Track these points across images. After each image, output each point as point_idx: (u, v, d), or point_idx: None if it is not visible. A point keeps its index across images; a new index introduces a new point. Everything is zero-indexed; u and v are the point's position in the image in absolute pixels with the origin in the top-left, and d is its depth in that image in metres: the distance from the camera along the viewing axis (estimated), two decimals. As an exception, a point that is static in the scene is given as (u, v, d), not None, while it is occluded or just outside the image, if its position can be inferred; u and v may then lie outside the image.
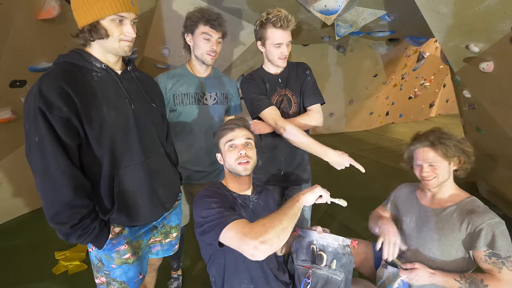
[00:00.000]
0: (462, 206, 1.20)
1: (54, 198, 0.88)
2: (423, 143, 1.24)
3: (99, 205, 0.99)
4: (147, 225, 1.15)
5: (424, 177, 1.24)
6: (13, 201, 2.64)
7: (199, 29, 1.42)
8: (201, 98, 1.52)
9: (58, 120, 0.86)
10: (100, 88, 0.97)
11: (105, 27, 0.93)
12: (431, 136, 1.23)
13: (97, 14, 0.91)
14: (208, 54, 1.45)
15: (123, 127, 1.01)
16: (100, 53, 0.99)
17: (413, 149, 1.29)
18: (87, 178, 0.95)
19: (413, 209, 1.35)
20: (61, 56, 0.98)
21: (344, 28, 3.10)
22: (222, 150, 1.16)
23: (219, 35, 1.45)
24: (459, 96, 2.93)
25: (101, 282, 1.10)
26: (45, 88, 0.86)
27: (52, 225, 0.90)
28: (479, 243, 1.09)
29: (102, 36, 0.94)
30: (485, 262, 1.09)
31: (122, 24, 0.95)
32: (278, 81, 1.53)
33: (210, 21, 1.39)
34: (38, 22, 1.86)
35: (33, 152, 0.87)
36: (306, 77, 1.56)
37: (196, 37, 1.44)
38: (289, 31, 1.42)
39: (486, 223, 1.10)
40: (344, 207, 1.17)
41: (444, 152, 1.19)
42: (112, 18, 0.93)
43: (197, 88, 1.52)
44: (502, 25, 1.74)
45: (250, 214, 1.15)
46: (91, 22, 0.92)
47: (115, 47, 0.97)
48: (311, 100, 1.54)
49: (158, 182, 1.12)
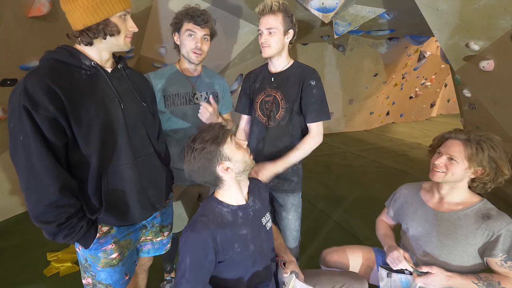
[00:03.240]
0: (475, 211, 1.14)
1: (39, 198, 0.86)
2: (459, 136, 1.16)
3: (87, 205, 0.97)
4: (136, 224, 1.13)
5: (434, 166, 1.17)
6: (7, 201, 2.62)
7: (184, 27, 1.40)
8: (192, 98, 1.49)
9: (44, 119, 0.84)
10: (88, 86, 0.94)
11: (115, 23, 0.94)
12: (473, 134, 1.14)
13: (108, 12, 0.91)
14: (193, 52, 1.41)
15: (112, 127, 0.99)
16: (94, 50, 0.98)
17: (447, 137, 1.21)
18: (74, 177, 0.93)
19: (419, 212, 1.27)
20: (48, 52, 0.95)
21: (342, 26, 3.06)
22: (181, 37, 1.34)
23: (205, 32, 1.41)
24: (459, 96, 2.89)
25: (88, 283, 1.09)
26: (30, 86, 0.83)
27: (37, 224, 0.88)
28: (496, 250, 1.05)
29: (113, 33, 0.94)
30: (500, 266, 1.05)
31: (126, 20, 0.97)
32: (271, 80, 1.46)
33: (194, 18, 1.37)
34: (28, 20, 1.83)
35: (18, 151, 0.84)
36: (311, 88, 1.38)
37: (182, 35, 1.41)
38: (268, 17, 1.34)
39: (505, 229, 1.05)
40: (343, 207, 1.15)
41: (471, 154, 1.10)
42: (120, 15, 0.94)
43: (187, 88, 1.49)
44: (503, 22, 1.70)
45: (251, 226, 1.09)
46: (101, 20, 0.92)
47: (120, 44, 0.98)
48: (313, 117, 1.39)
49: (147, 182, 1.10)
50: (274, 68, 1.47)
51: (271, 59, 1.44)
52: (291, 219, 1.51)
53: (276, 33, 1.35)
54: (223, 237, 1.01)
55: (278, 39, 1.36)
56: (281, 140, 1.45)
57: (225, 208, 1.07)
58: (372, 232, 2.49)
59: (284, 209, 1.51)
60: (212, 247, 0.98)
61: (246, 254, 1.06)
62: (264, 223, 1.15)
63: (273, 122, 1.45)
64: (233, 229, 1.05)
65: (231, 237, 1.03)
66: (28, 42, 1.94)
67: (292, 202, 1.50)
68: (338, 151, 5.13)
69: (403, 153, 4.96)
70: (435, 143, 1.26)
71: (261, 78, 1.51)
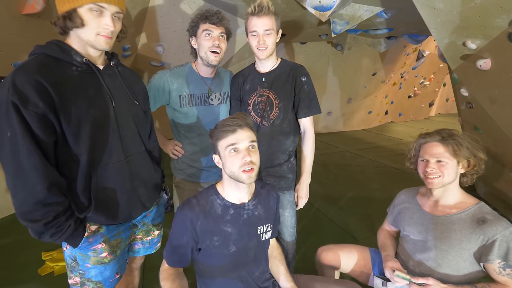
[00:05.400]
0: (470, 214, 1.11)
1: (26, 196, 0.84)
2: (434, 138, 1.16)
3: (75, 203, 0.96)
4: (126, 223, 1.12)
5: (428, 174, 1.15)
6: (2, 199, 2.60)
7: (200, 28, 1.41)
8: (207, 99, 1.50)
9: (33, 115, 0.82)
10: (79, 83, 0.92)
11: (81, 15, 0.89)
12: (443, 132, 1.15)
13: (74, 2, 0.87)
14: (212, 51, 1.40)
15: (103, 125, 0.97)
16: (79, 45, 0.95)
17: (422, 143, 1.21)
18: (63, 175, 0.92)
19: (415, 216, 1.25)
20: (38, 47, 0.92)
21: (340, 25, 3.04)
22: (221, 153, 1.03)
23: (221, 30, 1.42)
24: (457, 95, 2.88)
25: (75, 282, 1.07)
26: (19, 82, 0.81)
27: (23, 222, 0.86)
28: (492, 256, 1.02)
29: (77, 25, 0.89)
30: (499, 274, 1.02)
31: (102, 16, 0.91)
32: (262, 80, 1.46)
33: (209, 18, 1.39)
34: (22, 17, 1.82)
35: (5, 148, 0.82)
36: (303, 85, 1.43)
37: (199, 37, 1.42)
38: (265, 18, 1.32)
39: (500, 234, 1.02)
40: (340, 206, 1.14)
41: (454, 149, 1.11)
42: (90, 7, 0.88)
43: (203, 89, 1.49)
44: (499, 21, 1.69)
45: (240, 228, 1.08)
46: (68, 10, 0.88)
47: (90, 40, 0.93)
48: (306, 112, 1.45)
49: (138, 180, 1.09)
50: (263, 68, 1.47)
51: (262, 60, 1.43)
52: (287, 216, 1.52)
53: (272, 34, 1.36)
54: (204, 224, 1.04)
55: (274, 39, 1.38)
56: (276, 139, 1.46)
57: (218, 200, 1.08)
58: (369, 231, 2.50)
59: (280, 206, 1.51)
60: (190, 230, 1.03)
61: (224, 252, 1.06)
62: (259, 232, 1.12)
63: (267, 121, 1.45)
64: (217, 222, 1.05)
65: (213, 228, 1.04)
66: (21, 40, 1.92)
67: (288, 199, 1.52)
68: (336, 150, 5.12)
69: (401, 153, 4.96)
70: (413, 153, 1.27)
71: (250, 79, 1.49)
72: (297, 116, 1.47)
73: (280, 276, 1.19)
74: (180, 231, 1.04)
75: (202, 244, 1.05)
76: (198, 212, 1.04)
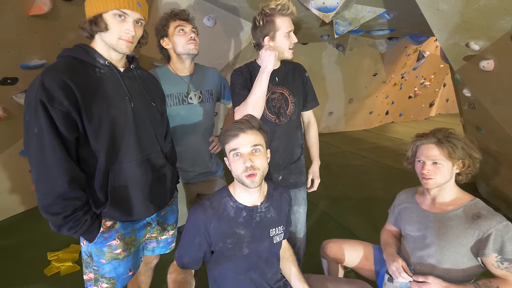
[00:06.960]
0: (466, 210, 1.14)
1: (48, 189, 0.89)
2: (430, 140, 1.19)
3: (93, 198, 1.01)
4: (141, 221, 1.15)
5: (424, 175, 1.19)
6: (7, 200, 2.61)
7: (171, 27, 1.43)
8: (185, 98, 1.48)
9: (58, 113, 0.88)
10: (101, 84, 0.99)
11: (105, 20, 0.96)
12: (439, 134, 1.18)
13: (101, 8, 0.95)
14: (190, 42, 1.43)
15: (122, 124, 1.02)
16: (103, 48, 1.02)
17: (418, 144, 1.24)
18: (82, 171, 0.97)
19: (414, 214, 1.29)
20: (65, 50, 1.00)
21: (343, 26, 3.06)
22: (228, 157, 1.06)
23: (192, 26, 1.47)
24: (459, 95, 2.89)
25: (89, 278, 1.09)
26: (47, 81, 0.87)
27: (44, 215, 0.91)
28: (487, 250, 1.05)
29: (101, 29, 0.97)
30: (497, 268, 1.05)
31: (124, 22, 0.98)
32: (274, 79, 1.45)
33: (178, 15, 1.44)
34: (29, 18, 1.83)
35: (31, 143, 0.88)
36: (307, 80, 1.55)
37: (172, 35, 1.43)
38: (289, 18, 1.38)
39: (495, 228, 1.05)
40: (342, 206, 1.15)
41: (449, 152, 1.14)
42: (114, 13, 0.96)
43: (181, 88, 1.48)
44: (503, 23, 1.70)
45: (252, 230, 1.08)
46: (94, 15, 0.96)
47: (113, 43, 0.99)
48: (311, 105, 1.59)
49: (153, 180, 1.13)
50: None
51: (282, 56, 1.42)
52: (302, 213, 1.57)
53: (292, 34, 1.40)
54: (217, 227, 1.04)
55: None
56: (293, 135, 1.52)
57: (231, 202, 1.09)
58: (371, 231, 2.51)
59: (296, 203, 1.56)
60: (203, 232, 1.04)
61: (237, 254, 1.06)
62: (271, 235, 1.13)
63: (285, 118, 1.47)
64: (230, 225, 1.06)
65: (226, 231, 1.05)
66: (28, 41, 1.93)
67: (302, 196, 1.58)
68: (337, 151, 5.13)
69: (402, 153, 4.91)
70: (409, 153, 1.30)
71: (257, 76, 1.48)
72: (304, 109, 1.58)
73: (292, 277, 1.20)
74: (193, 233, 1.06)
75: (215, 247, 1.06)
76: (211, 215, 1.05)
